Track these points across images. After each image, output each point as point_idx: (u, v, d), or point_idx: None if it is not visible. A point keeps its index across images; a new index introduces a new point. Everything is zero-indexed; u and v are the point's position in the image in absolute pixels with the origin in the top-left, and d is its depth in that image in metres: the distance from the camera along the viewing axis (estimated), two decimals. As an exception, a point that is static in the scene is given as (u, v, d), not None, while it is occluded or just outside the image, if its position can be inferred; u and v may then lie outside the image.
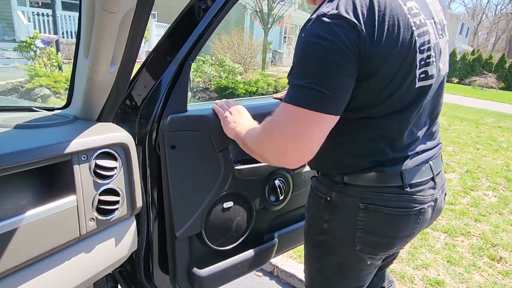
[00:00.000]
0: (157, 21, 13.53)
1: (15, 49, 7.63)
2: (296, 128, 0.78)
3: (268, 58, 14.31)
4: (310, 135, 0.79)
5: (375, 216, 0.91)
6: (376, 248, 0.96)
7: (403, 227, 0.93)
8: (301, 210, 1.50)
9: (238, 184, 1.19)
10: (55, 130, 0.88)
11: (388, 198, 0.91)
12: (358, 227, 0.93)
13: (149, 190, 1.09)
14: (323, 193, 0.98)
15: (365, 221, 0.92)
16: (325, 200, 0.97)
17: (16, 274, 0.74)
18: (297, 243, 1.54)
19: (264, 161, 0.95)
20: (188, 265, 1.17)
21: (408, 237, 0.96)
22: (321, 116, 0.76)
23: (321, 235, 1.00)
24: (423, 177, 0.94)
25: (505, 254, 2.39)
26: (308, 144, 0.80)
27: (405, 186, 0.90)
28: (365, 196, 0.92)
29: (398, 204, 0.91)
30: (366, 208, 0.91)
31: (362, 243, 0.94)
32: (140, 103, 1.06)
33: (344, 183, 0.94)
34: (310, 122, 0.77)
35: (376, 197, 0.91)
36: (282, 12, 12.75)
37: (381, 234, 0.94)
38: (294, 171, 1.31)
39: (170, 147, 1.03)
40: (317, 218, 1.01)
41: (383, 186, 0.91)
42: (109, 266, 0.95)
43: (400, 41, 0.79)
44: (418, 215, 0.93)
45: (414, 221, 0.93)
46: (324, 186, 0.99)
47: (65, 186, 0.81)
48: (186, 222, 1.10)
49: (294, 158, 0.83)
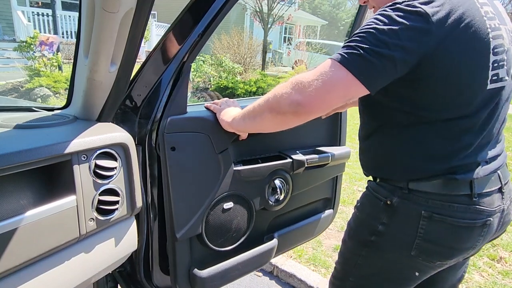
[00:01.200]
0: (157, 21, 13.53)
1: (15, 49, 7.63)
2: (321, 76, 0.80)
3: (268, 58, 14.30)
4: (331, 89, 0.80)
5: (438, 225, 0.88)
6: (433, 256, 0.93)
7: (465, 239, 0.90)
8: (301, 210, 1.50)
9: (238, 185, 1.20)
10: (55, 130, 0.88)
11: (455, 208, 0.88)
12: (419, 235, 0.90)
13: (149, 190, 1.09)
14: (384, 196, 0.96)
15: (426, 229, 0.89)
16: (384, 203, 0.95)
17: (16, 274, 0.74)
18: (297, 243, 1.54)
19: (272, 116, 0.90)
20: (188, 266, 1.18)
21: (470, 249, 0.93)
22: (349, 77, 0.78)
23: (374, 236, 0.98)
24: (492, 187, 0.91)
25: (505, 254, 2.39)
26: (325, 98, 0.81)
27: (474, 195, 0.87)
28: (430, 204, 0.89)
29: (464, 215, 0.87)
30: (429, 217, 0.88)
31: (419, 250, 0.91)
32: (140, 103, 1.06)
33: (409, 189, 0.91)
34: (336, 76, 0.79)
35: (442, 206, 0.88)
36: (282, 12, 12.74)
37: (442, 244, 0.90)
38: (294, 171, 1.31)
39: (170, 149, 1.03)
40: (372, 219, 0.98)
41: (450, 195, 0.88)
42: (109, 266, 0.95)
43: (476, 40, 0.80)
44: (483, 227, 0.90)
45: (478, 234, 0.90)
46: (384, 189, 0.97)
47: (65, 186, 0.81)
48: (187, 224, 1.10)
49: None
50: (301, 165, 1.30)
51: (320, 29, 23.60)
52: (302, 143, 1.42)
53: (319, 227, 1.58)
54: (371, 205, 1.01)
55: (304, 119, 0.87)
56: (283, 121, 0.91)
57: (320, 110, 0.84)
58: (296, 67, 12.12)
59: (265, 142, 1.31)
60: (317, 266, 2.20)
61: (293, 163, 1.29)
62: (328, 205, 1.62)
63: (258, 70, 10.62)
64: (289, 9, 13.26)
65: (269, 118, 0.91)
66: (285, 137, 1.36)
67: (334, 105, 0.84)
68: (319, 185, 1.50)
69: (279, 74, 10.99)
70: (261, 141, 1.29)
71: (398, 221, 0.94)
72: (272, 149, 1.33)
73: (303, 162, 1.30)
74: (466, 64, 0.80)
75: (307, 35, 18.15)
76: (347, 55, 0.79)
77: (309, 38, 16.59)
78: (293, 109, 0.84)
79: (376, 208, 0.98)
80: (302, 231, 1.51)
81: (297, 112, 0.84)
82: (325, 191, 1.57)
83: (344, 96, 0.81)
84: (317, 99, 0.81)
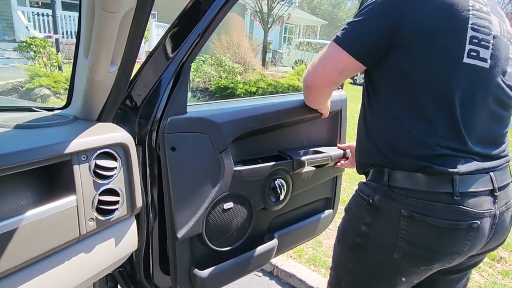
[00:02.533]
0: (157, 21, 13.53)
1: (15, 49, 7.63)
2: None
3: (268, 58, 14.30)
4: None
5: (419, 226, 0.85)
6: (416, 260, 0.89)
7: (449, 242, 0.85)
8: (301, 210, 1.50)
9: (238, 185, 1.20)
10: (55, 130, 0.88)
11: (435, 207, 0.84)
12: (400, 235, 0.87)
13: (149, 190, 1.09)
14: (367, 194, 0.95)
15: (407, 230, 0.86)
16: (367, 203, 0.94)
17: (16, 274, 0.74)
18: (297, 243, 1.55)
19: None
20: (189, 266, 1.18)
21: (456, 254, 0.87)
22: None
23: (359, 238, 0.96)
24: (479, 188, 0.85)
25: (505, 254, 2.39)
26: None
27: (455, 194, 0.83)
28: (410, 203, 0.86)
29: (446, 215, 0.83)
30: (410, 216, 0.85)
31: (402, 252, 0.88)
32: (140, 103, 1.06)
33: (389, 186, 0.90)
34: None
35: (422, 204, 0.85)
36: (282, 12, 12.74)
37: (424, 247, 0.86)
38: (294, 171, 1.31)
39: (170, 149, 1.03)
40: (357, 220, 0.97)
41: (430, 192, 0.84)
42: (109, 266, 0.95)
43: (451, 12, 0.83)
44: (469, 231, 0.84)
45: (463, 237, 0.85)
46: (369, 188, 0.96)
47: (65, 186, 0.81)
48: (187, 224, 1.10)
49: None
50: (301, 165, 1.30)
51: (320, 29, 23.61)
52: (303, 143, 1.42)
53: (319, 227, 1.58)
54: (356, 205, 1.00)
55: (315, 93, 1.10)
56: (306, 94, 1.19)
57: (321, 83, 1.01)
58: (296, 67, 12.11)
59: (265, 141, 1.31)
60: (317, 266, 2.20)
61: (293, 163, 1.29)
62: (328, 205, 1.62)
63: (258, 70, 10.61)
64: (288, 8, 13.25)
65: (304, 92, 1.18)
66: (285, 136, 1.36)
67: (333, 79, 0.97)
68: (319, 185, 1.50)
69: (279, 74, 10.98)
70: (261, 141, 1.29)
71: (380, 221, 0.92)
72: (272, 149, 1.33)
73: (303, 162, 1.30)
74: (434, 30, 0.83)
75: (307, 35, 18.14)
76: (338, 33, 0.93)
77: (309, 38, 16.58)
78: (306, 84, 1.04)
79: (360, 208, 0.97)
80: (302, 231, 1.51)
81: (307, 87, 1.05)
82: (325, 190, 1.57)
83: (337, 67, 0.94)
84: (315, 74, 0.99)
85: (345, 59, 0.91)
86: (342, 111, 1.50)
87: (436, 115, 0.85)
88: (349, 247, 1.00)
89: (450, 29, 0.84)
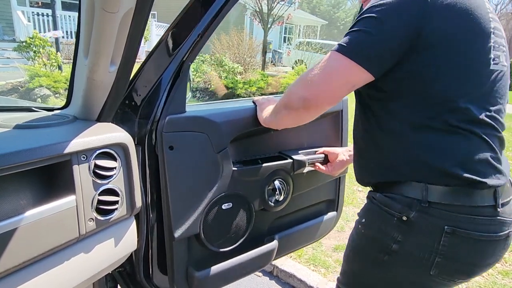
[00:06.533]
0: (157, 21, 13.53)
1: (15, 49, 7.63)
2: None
3: (268, 58, 14.30)
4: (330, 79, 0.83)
5: (462, 241, 0.81)
6: (454, 275, 0.86)
7: (490, 254, 0.84)
8: (303, 211, 1.49)
9: (237, 185, 1.19)
10: (54, 130, 0.88)
11: (479, 221, 0.81)
12: (440, 252, 0.83)
13: (148, 190, 1.09)
14: (397, 211, 0.86)
15: (448, 246, 0.82)
16: (398, 219, 0.86)
17: (16, 274, 0.74)
18: (299, 245, 1.52)
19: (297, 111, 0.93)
20: (186, 266, 1.17)
21: (493, 264, 0.87)
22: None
23: (387, 255, 0.89)
24: (509, 195, 0.85)
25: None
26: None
27: (498, 205, 0.81)
28: (453, 219, 0.81)
29: (489, 228, 0.81)
30: (453, 232, 0.81)
31: (439, 269, 0.84)
32: (139, 103, 1.06)
33: (429, 202, 0.82)
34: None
35: (466, 219, 0.81)
36: (282, 12, 12.74)
37: (465, 261, 0.84)
38: (294, 172, 1.31)
39: (168, 148, 1.03)
40: (382, 236, 0.89)
41: (475, 206, 0.81)
42: (109, 266, 0.95)
43: (475, 16, 0.79)
44: (506, 240, 0.84)
45: (502, 247, 0.85)
46: (397, 203, 0.87)
47: (65, 186, 0.81)
48: (184, 223, 1.10)
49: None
50: (302, 165, 1.30)
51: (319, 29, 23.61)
52: (303, 143, 1.41)
53: (321, 229, 1.55)
54: (380, 220, 0.91)
55: (316, 113, 0.92)
56: (297, 116, 0.96)
57: (327, 101, 0.86)
58: (296, 67, 12.10)
59: (265, 142, 1.30)
60: (317, 266, 2.20)
61: (293, 164, 1.29)
62: (332, 207, 1.58)
63: (258, 70, 10.61)
64: (288, 8, 13.25)
65: (286, 114, 0.97)
66: (285, 137, 1.36)
67: (341, 94, 0.84)
68: (321, 186, 1.48)
69: (279, 74, 10.98)
70: (261, 141, 1.29)
71: (415, 238, 0.85)
72: (273, 149, 1.33)
73: (304, 162, 1.30)
74: (466, 36, 0.79)
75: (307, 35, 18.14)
76: (344, 43, 0.81)
77: (309, 38, 16.58)
78: (302, 104, 0.87)
79: (387, 224, 0.89)
80: (304, 233, 1.48)
81: (307, 107, 0.88)
82: (328, 192, 1.55)
83: (347, 82, 0.82)
84: (321, 91, 0.84)
85: (358, 73, 0.80)
86: (343, 112, 1.48)
87: (468, 126, 0.81)
88: (374, 263, 0.93)
89: (479, 35, 0.80)
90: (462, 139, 0.81)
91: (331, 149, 1.37)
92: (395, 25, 0.78)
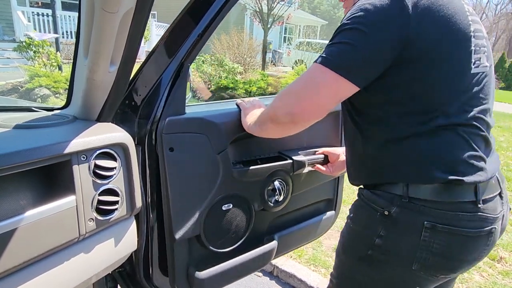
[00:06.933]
0: (157, 21, 13.53)
1: (15, 49, 7.64)
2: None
3: (268, 58, 14.29)
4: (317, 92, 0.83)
5: (443, 236, 0.82)
6: (437, 270, 0.87)
7: (472, 250, 0.85)
8: (302, 211, 1.49)
9: (237, 185, 1.19)
10: (54, 130, 0.88)
11: (460, 217, 0.82)
12: (421, 247, 0.84)
13: (148, 190, 1.09)
14: (380, 206, 0.89)
15: (429, 241, 0.83)
16: (381, 214, 0.88)
17: (16, 274, 0.74)
18: (298, 245, 1.53)
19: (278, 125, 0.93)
20: (187, 267, 1.17)
21: (475, 260, 0.87)
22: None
23: (371, 250, 0.91)
24: (493, 192, 0.85)
25: (505, 254, 2.39)
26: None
27: (479, 201, 0.82)
28: (433, 214, 0.83)
29: (469, 224, 0.82)
30: (432, 228, 0.82)
31: (421, 264, 0.85)
32: (139, 103, 1.06)
33: (409, 197, 0.85)
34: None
35: (446, 215, 0.82)
36: (282, 12, 12.74)
37: (447, 257, 0.84)
38: (294, 172, 1.31)
39: (168, 149, 1.03)
40: (368, 232, 0.92)
41: (454, 202, 0.82)
42: (109, 266, 0.94)
43: (455, 21, 0.79)
44: (489, 236, 0.84)
45: (484, 243, 0.85)
46: (381, 198, 0.89)
47: (65, 186, 0.81)
48: (185, 225, 1.10)
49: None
50: (301, 166, 1.30)
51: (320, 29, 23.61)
52: (303, 144, 1.42)
53: (320, 228, 1.57)
54: (366, 216, 0.94)
55: (303, 126, 0.91)
56: (284, 129, 0.96)
57: (314, 115, 0.86)
58: (296, 67, 12.11)
59: (265, 142, 1.30)
60: (317, 266, 2.20)
61: (293, 164, 1.29)
62: (330, 206, 1.60)
63: (258, 70, 10.61)
64: (288, 9, 13.25)
65: (272, 127, 0.97)
66: (285, 137, 1.35)
67: (328, 106, 0.84)
68: (320, 186, 1.49)
69: (279, 74, 10.97)
70: (261, 142, 1.29)
71: (397, 233, 0.87)
72: (272, 150, 1.33)
73: (303, 163, 1.30)
74: (449, 42, 0.79)
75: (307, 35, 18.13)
76: (326, 54, 0.81)
77: (309, 38, 16.58)
78: (290, 119, 0.87)
79: (372, 219, 0.91)
80: (303, 232, 1.49)
81: (294, 121, 0.88)
82: (326, 192, 1.56)
83: (333, 95, 0.83)
84: (308, 105, 0.84)
85: (344, 86, 0.80)
86: None
87: (450, 127, 0.83)
88: (360, 259, 0.95)
89: (460, 41, 0.81)
90: (443, 142, 0.83)
91: (332, 149, 1.37)
92: (381, 38, 0.77)
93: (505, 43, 38.42)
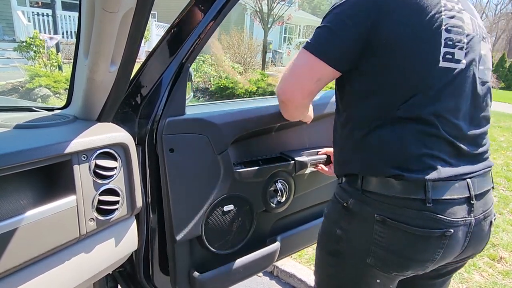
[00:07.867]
0: (157, 21, 13.53)
1: (15, 49, 7.64)
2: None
3: (268, 58, 14.28)
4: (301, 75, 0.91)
5: (393, 232, 0.83)
6: (389, 266, 0.87)
7: (421, 250, 0.84)
8: (305, 212, 1.48)
9: (238, 186, 1.19)
10: (55, 130, 0.88)
11: (408, 214, 0.82)
12: (373, 241, 0.86)
13: (148, 190, 1.09)
14: (342, 198, 0.94)
15: (381, 235, 0.85)
16: (342, 206, 0.93)
17: (16, 274, 0.74)
18: (301, 246, 1.52)
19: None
20: (188, 268, 1.17)
21: (428, 261, 0.85)
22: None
23: (335, 243, 0.95)
24: (454, 195, 0.82)
25: (505, 254, 2.39)
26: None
27: (428, 200, 0.80)
28: (383, 208, 0.84)
29: (418, 223, 0.81)
30: (383, 221, 0.84)
31: (374, 258, 0.87)
32: (140, 103, 1.06)
33: (363, 190, 0.88)
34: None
35: (395, 210, 0.83)
36: (282, 12, 12.73)
37: (396, 253, 0.85)
38: (296, 173, 1.30)
39: (169, 150, 1.03)
40: (333, 224, 0.96)
41: (403, 198, 0.83)
42: (109, 266, 0.94)
43: (424, 14, 0.81)
44: (441, 239, 0.82)
45: (436, 245, 0.83)
46: (344, 191, 0.94)
47: (65, 186, 0.81)
48: (186, 226, 1.10)
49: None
50: (303, 166, 1.29)
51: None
52: (305, 144, 1.41)
53: None
54: (333, 210, 0.98)
55: (291, 106, 1.01)
56: (283, 108, 1.11)
57: (297, 95, 0.93)
58: (296, 67, 12.06)
59: (267, 143, 1.30)
60: (317, 266, 2.20)
61: (295, 165, 1.28)
62: None
63: (258, 70, 10.60)
64: (289, 9, 13.24)
65: (280, 106, 1.11)
66: (287, 137, 1.35)
67: (310, 88, 0.91)
68: (323, 187, 1.48)
69: (279, 74, 10.97)
70: (262, 142, 1.28)
71: (354, 226, 0.90)
72: (274, 150, 1.33)
73: (305, 163, 1.29)
74: (411, 35, 0.81)
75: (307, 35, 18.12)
76: (310, 39, 0.89)
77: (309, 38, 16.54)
78: (280, 98, 0.97)
79: (336, 211, 0.95)
80: (307, 234, 1.48)
81: (282, 101, 0.98)
82: (330, 193, 1.54)
83: (312, 77, 0.89)
84: (291, 86, 0.93)
85: (320, 67, 0.87)
86: None
87: (411, 120, 0.83)
88: (327, 252, 0.99)
89: (425, 33, 0.81)
90: (394, 136, 0.85)
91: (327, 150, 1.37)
92: (356, 21, 0.82)
93: (505, 43, 38.39)
